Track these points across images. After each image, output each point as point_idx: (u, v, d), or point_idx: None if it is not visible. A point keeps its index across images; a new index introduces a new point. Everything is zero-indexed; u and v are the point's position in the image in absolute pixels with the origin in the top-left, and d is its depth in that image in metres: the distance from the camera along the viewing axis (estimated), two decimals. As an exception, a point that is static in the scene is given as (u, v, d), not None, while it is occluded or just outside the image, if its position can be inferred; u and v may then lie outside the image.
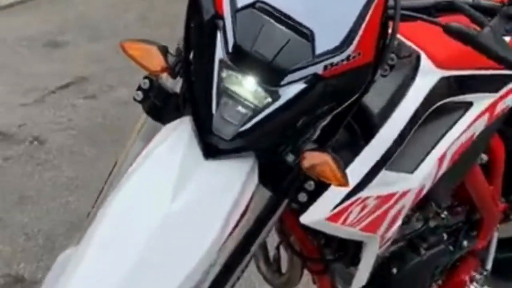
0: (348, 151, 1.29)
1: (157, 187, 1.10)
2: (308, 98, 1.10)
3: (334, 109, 1.15)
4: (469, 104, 1.51)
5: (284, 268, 1.75)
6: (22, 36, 4.49)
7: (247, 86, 1.10)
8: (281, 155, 1.17)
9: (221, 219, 1.10)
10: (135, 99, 1.27)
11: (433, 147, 1.43)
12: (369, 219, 1.31)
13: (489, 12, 1.25)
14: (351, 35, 1.09)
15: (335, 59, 1.08)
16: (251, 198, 1.16)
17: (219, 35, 1.10)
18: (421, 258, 1.68)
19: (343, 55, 1.08)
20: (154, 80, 1.26)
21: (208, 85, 1.11)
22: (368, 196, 1.28)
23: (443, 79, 1.42)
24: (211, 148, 1.11)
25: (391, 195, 1.34)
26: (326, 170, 1.13)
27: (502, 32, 1.22)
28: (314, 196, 1.22)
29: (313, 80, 1.08)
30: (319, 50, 1.08)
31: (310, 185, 1.20)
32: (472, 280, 1.92)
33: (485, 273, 1.93)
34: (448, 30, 1.21)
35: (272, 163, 1.18)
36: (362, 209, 1.29)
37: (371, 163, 1.28)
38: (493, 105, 1.55)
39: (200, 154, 1.11)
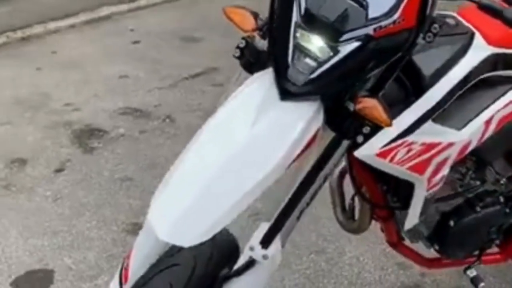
0: (401, 103, 1.59)
1: (243, 115, 1.45)
2: (362, 54, 1.42)
3: (383, 64, 1.46)
4: None
5: (356, 216, 2.07)
6: (163, 31, 5.04)
7: (315, 42, 1.43)
8: (342, 101, 1.49)
9: (288, 145, 1.44)
10: (234, 56, 1.63)
11: (482, 111, 1.71)
12: (415, 161, 1.60)
13: None
14: (397, 4, 1.40)
15: (383, 23, 1.40)
16: (316, 135, 1.49)
17: (295, 2, 1.44)
18: (476, 215, 1.95)
19: (390, 20, 1.40)
20: (249, 41, 1.61)
21: (286, 42, 1.45)
22: (413, 141, 1.57)
23: (493, 55, 1.70)
24: (286, 91, 1.45)
25: (436, 144, 1.62)
26: (374, 112, 1.44)
27: None
28: (369, 138, 1.53)
29: (366, 39, 1.41)
30: (371, 15, 1.40)
31: (367, 129, 1.52)
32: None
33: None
34: (481, 6, 1.50)
35: (335, 108, 1.50)
36: (408, 151, 1.58)
37: (418, 115, 1.57)
38: None
39: (277, 95, 1.46)
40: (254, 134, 1.43)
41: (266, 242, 1.57)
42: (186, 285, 1.62)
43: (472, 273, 2.11)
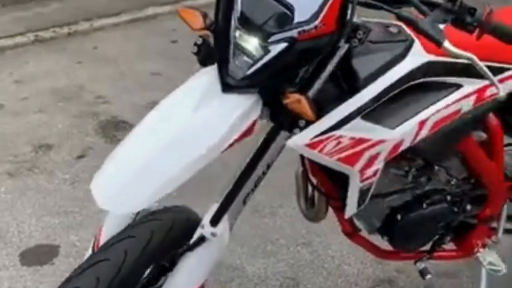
0: (335, 101, 1.75)
1: (188, 101, 1.64)
2: (289, 54, 1.60)
3: (309, 63, 1.64)
4: (459, 86, 1.91)
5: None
6: (201, 32, 5.26)
7: (250, 42, 1.62)
8: (276, 95, 1.68)
9: (223, 130, 1.62)
10: (192, 52, 1.83)
11: (416, 113, 1.85)
12: (345, 153, 1.75)
13: (433, 5, 1.67)
14: (318, 11, 1.57)
15: (306, 27, 1.57)
16: (253, 125, 1.67)
17: (234, 6, 1.63)
18: (422, 211, 2.09)
19: (312, 25, 1.57)
20: (206, 38, 1.81)
21: (227, 40, 1.64)
22: (342, 135, 1.72)
23: (430, 62, 1.84)
24: (227, 84, 1.64)
25: (366, 140, 1.76)
26: (298, 106, 1.62)
27: (440, 21, 1.65)
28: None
29: (291, 41, 1.58)
30: (296, 20, 1.58)
31: (302, 122, 1.69)
32: (484, 245, 2.29)
33: (495, 240, 2.29)
34: (398, 16, 1.66)
35: (273, 102, 1.69)
36: (337, 144, 1.72)
37: (347, 112, 1.72)
38: (482, 90, 1.92)
39: (219, 88, 1.65)
40: (195, 118, 1.62)
41: (214, 221, 1.77)
42: (140, 255, 1.79)
43: (421, 265, 2.26)
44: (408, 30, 1.86)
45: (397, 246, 2.20)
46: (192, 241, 1.81)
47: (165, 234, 1.83)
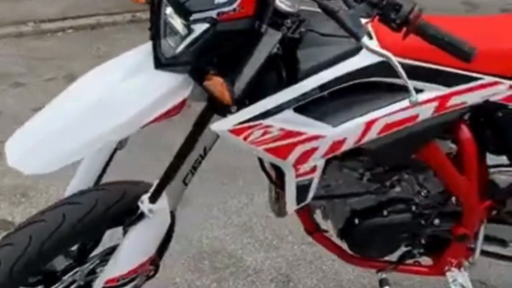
0: (270, 88, 1.71)
1: (117, 72, 1.68)
2: (210, 34, 1.59)
3: (230, 45, 1.62)
4: (419, 90, 1.82)
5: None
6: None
7: (177, 20, 1.63)
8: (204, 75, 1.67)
9: (144, 105, 1.63)
10: (148, 28, 1.85)
11: (365, 113, 1.78)
12: (274, 144, 1.70)
13: None
14: None
15: (225, 9, 1.56)
16: (181, 105, 1.67)
17: None
18: (383, 218, 2.02)
19: (231, 7, 1.56)
20: None
21: (159, 17, 1.66)
22: (270, 125, 1.67)
23: (386, 62, 1.76)
24: (159, 61, 1.66)
25: (298, 133, 1.71)
26: (216, 89, 1.61)
27: (363, 14, 1.57)
28: None
29: (212, 22, 1.58)
30: (216, 0, 1.57)
31: (234, 108, 1.68)
32: (460, 265, 2.16)
33: (471, 261, 2.16)
34: (320, 5, 1.60)
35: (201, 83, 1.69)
36: (264, 134, 1.68)
37: (279, 102, 1.68)
38: (444, 98, 1.81)
39: (152, 64, 1.67)
40: (120, 88, 1.64)
41: (153, 198, 1.81)
42: (78, 222, 1.82)
43: (381, 275, 2.17)
44: (370, 27, 1.80)
45: (354, 251, 2.13)
46: (133, 217, 1.85)
47: (110, 206, 1.86)
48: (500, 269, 2.64)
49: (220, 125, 1.68)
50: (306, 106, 1.73)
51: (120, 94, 1.64)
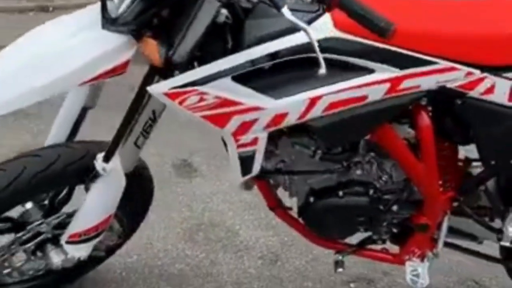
0: (214, 54, 1.71)
1: (66, 29, 1.75)
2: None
3: (161, 9, 1.67)
4: (370, 70, 1.79)
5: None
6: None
7: None
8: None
9: (84, 63, 1.69)
10: None
11: (310, 88, 1.76)
12: (211, 112, 1.71)
13: None
14: None
15: None
16: (124, 66, 1.72)
17: None
18: (338, 199, 2.00)
19: None
20: None
21: None
22: (206, 92, 1.68)
23: (334, 39, 1.74)
24: (105, 21, 1.71)
25: (235, 102, 1.71)
26: (148, 50, 1.65)
27: None
28: None
29: None
30: None
31: (177, 72, 1.71)
32: (423, 256, 2.11)
33: (435, 252, 2.10)
34: None
35: None
36: (200, 100, 1.68)
37: (216, 70, 1.68)
38: (396, 80, 1.77)
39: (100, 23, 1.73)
40: (64, 42, 1.71)
41: (106, 157, 1.89)
42: (38, 173, 1.90)
43: (337, 257, 2.15)
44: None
45: (311, 230, 2.12)
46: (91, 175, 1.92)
47: (70, 163, 1.94)
48: (496, 271, 2.54)
49: (156, 87, 1.71)
50: (249, 77, 1.73)
51: (65, 49, 1.70)
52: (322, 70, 1.59)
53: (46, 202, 2.10)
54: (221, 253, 2.71)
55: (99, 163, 1.90)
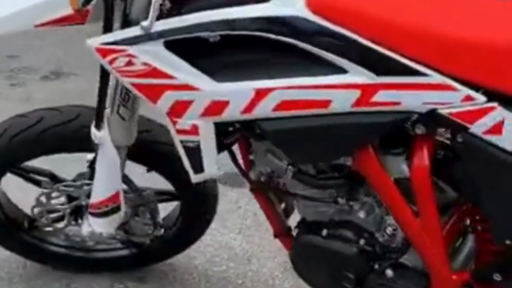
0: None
1: None
2: None
3: None
4: (342, 70, 1.36)
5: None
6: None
7: None
8: None
9: (39, 3, 1.55)
10: None
11: (260, 77, 1.39)
12: (140, 80, 1.44)
13: None
14: None
15: None
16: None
17: None
18: (321, 239, 1.61)
19: None
20: None
21: None
22: (134, 54, 1.41)
23: (303, 20, 1.35)
24: None
25: (165, 74, 1.41)
26: None
27: None
28: None
29: None
30: None
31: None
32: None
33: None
34: None
35: None
36: (129, 63, 1.42)
37: (149, 30, 1.38)
38: (368, 88, 1.34)
39: None
40: None
41: (97, 125, 1.76)
42: (20, 131, 1.89)
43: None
44: None
45: (297, 273, 1.72)
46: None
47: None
48: None
49: (92, 41, 1.47)
50: (188, 48, 1.42)
51: None
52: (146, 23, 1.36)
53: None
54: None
55: (92, 130, 1.77)
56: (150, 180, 2.05)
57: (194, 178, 1.57)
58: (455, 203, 1.52)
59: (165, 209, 2.19)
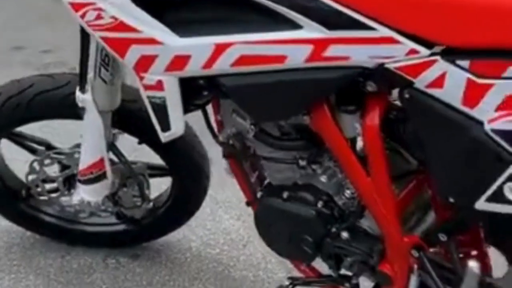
0: None
1: None
2: None
3: None
4: (297, 26, 1.40)
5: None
6: None
7: None
8: None
9: None
10: None
11: (221, 33, 1.43)
12: (109, 34, 1.48)
13: None
14: None
15: None
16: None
17: None
18: (281, 201, 1.63)
19: None
20: None
21: None
22: (103, 8, 1.47)
23: None
24: None
25: (132, 29, 1.45)
26: None
27: None
28: None
29: None
30: None
31: None
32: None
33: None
34: None
35: None
36: (98, 17, 1.48)
37: None
38: (320, 43, 1.36)
39: None
40: None
41: (81, 87, 1.85)
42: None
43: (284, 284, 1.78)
44: None
45: (260, 237, 1.74)
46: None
47: (47, 90, 1.89)
48: None
49: None
50: (154, 3, 1.46)
51: None
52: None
53: None
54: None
55: (77, 93, 1.85)
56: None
57: (163, 136, 1.62)
58: (416, 171, 1.53)
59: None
